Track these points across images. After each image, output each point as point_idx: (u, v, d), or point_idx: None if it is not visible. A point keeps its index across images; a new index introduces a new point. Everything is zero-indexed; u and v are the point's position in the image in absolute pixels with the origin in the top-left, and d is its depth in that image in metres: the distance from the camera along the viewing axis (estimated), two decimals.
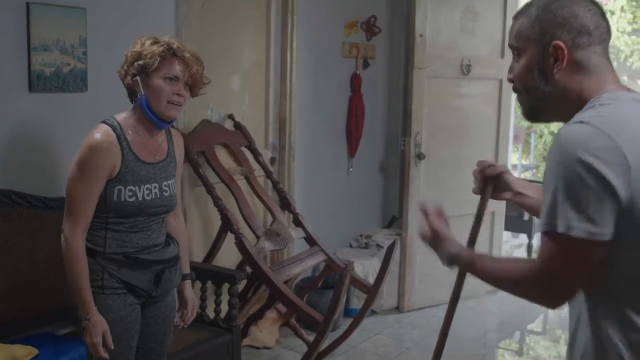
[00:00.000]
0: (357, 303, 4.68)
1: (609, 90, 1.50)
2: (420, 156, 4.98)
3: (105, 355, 2.34)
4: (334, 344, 4.15)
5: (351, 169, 5.25)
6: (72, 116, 3.28)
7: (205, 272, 3.42)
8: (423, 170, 5.04)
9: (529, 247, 6.19)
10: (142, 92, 2.40)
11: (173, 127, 2.64)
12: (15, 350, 2.68)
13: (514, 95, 5.95)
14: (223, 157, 4.02)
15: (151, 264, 2.47)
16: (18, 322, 2.95)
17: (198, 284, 3.40)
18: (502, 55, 5.29)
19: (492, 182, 2.00)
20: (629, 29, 10.93)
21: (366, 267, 4.77)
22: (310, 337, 3.79)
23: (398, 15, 5.41)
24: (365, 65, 5.22)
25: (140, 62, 2.39)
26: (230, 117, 4.20)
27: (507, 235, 6.85)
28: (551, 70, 1.52)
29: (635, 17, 10.78)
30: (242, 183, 4.02)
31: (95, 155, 2.33)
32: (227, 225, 3.64)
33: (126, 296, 2.43)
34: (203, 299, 3.42)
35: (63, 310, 3.12)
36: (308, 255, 4.03)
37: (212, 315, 3.41)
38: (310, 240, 4.10)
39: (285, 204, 4.17)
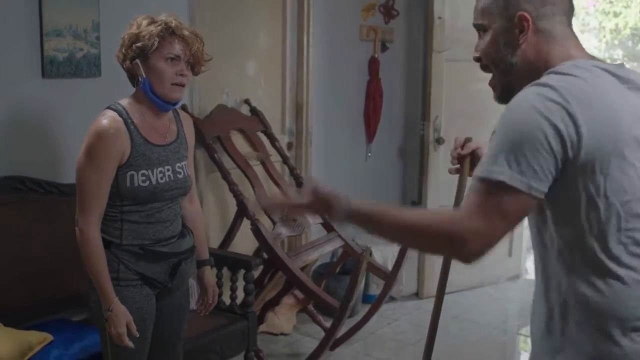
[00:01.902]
0: (375, 289, 4.64)
1: (572, 57, 1.50)
2: (439, 140, 4.92)
3: (131, 344, 2.31)
4: (352, 329, 4.12)
5: (369, 154, 5.20)
6: (85, 102, 3.26)
7: (221, 259, 3.39)
8: (442, 154, 4.96)
9: None
10: (144, 75, 2.33)
11: (180, 109, 2.59)
12: (30, 337, 2.67)
13: None
14: (239, 142, 3.99)
15: (167, 256, 2.43)
16: (34, 308, 2.96)
17: (214, 271, 3.36)
18: None
19: (469, 160, 2.00)
20: None
21: (385, 253, 4.73)
22: (328, 324, 3.77)
23: None
24: (384, 48, 5.16)
25: (139, 44, 2.31)
26: (246, 102, 4.17)
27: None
28: (517, 41, 1.53)
29: None
30: (258, 169, 3.99)
31: (103, 142, 2.27)
32: (243, 211, 3.61)
33: (142, 287, 2.39)
34: (219, 285, 3.38)
35: (78, 296, 3.12)
36: (325, 241, 4.00)
37: (228, 301, 3.40)
38: (327, 225, 4.07)
39: None
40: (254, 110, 4.15)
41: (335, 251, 4.38)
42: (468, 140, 2.02)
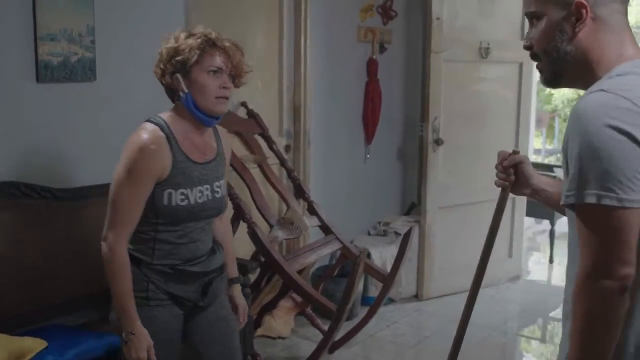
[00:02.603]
0: (374, 291, 4.62)
1: (629, 56, 1.47)
2: (438, 142, 4.90)
3: None
4: (350, 332, 4.11)
5: (368, 156, 5.18)
6: (81, 106, 3.26)
7: None
8: (441, 155, 4.95)
9: (552, 233, 6.08)
10: (185, 90, 2.24)
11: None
12: (24, 343, 2.66)
13: (535, 79, 5.85)
14: (236, 145, 3.97)
15: (197, 276, 2.35)
16: (29, 314, 2.94)
17: None
18: (522, 38, 5.18)
19: (512, 172, 1.95)
20: None
21: (384, 255, 4.71)
22: (327, 326, 3.75)
23: None
24: (382, 49, 5.14)
25: (178, 58, 2.22)
26: (243, 104, 4.15)
27: (529, 221, 6.74)
28: (573, 29, 1.50)
29: None
30: (255, 171, 3.98)
31: (144, 157, 2.16)
32: (239, 214, 3.60)
33: (171, 307, 2.31)
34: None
35: (75, 301, 3.13)
36: (323, 244, 3.98)
37: None
38: (325, 228, 4.05)
39: (300, 192, 4.12)
40: (250, 113, 4.13)
41: (334, 254, 4.37)
42: (515, 152, 1.97)
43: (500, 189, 1.99)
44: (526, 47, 1.60)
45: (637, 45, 1.52)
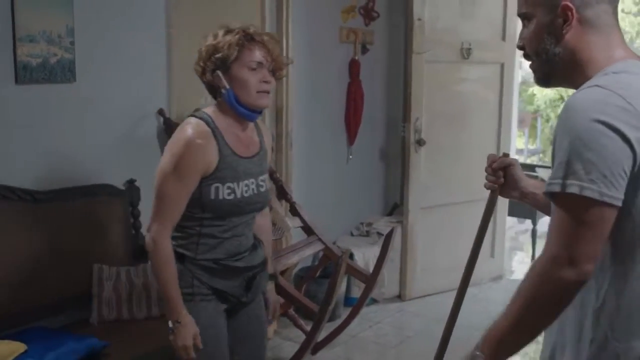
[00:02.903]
0: (357, 292, 4.62)
1: (619, 57, 1.49)
2: (420, 142, 4.91)
3: (195, 357, 2.25)
4: (333, 333, 4.11)
5: (351, 157, 5.18)
6: (60, 108, 3.24)
7: None
8: (423, 156, 4.96)
9: (534, 233, 6.10)
10: (227, 87, 2.24)
11: (259, 121, 2.51)
12: (2, 347, 2.63)
13: (516, 79, 5.87)
14: None
15: (242, 271, 2.37)
16: (10, 317, 2.93)
17: None
18: (504, 38, 5.21)
19: (502, 174, 1.96)
20: (634, 9, 10.79)
21: (366, 255, 4.72)
22: (309, 327, 3.75)
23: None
24: (364, 50, 5.14)
25: (218, 55, 2.23)
26: None
27: (512, 221, 6.78)
28: (560, 31, 1.51)
29: None
30: None
31: (191, 151, 2.17)
32: None
33: (216, 302, 2.33)
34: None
35: (56, 304, 3.11)
36: (305, 245, 3.98)
37: None
38: (307, 229, 4.05)
39: (282, 193, 4.11)
40: None
41: (316, 255, 4.37)
42: (505, 155, 1.98)
43: (489, 191, 2.01)
44: (519, 47, 1.63)
45: (626, 46, 1.54)
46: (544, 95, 11.20)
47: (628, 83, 1.41)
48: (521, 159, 9.69)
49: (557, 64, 1.54)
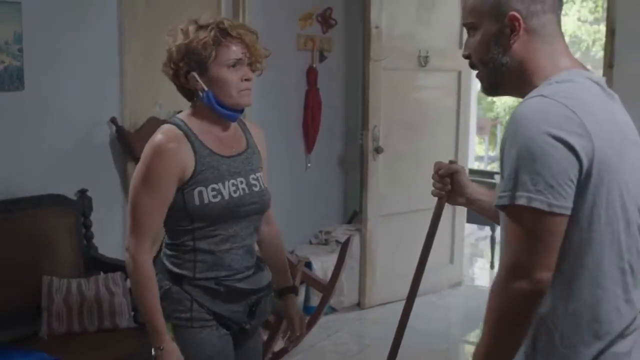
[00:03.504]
0: (316, 301, 4.59)
1: (564, 66, 1.50)
2: (378, 150, 4.91)
3: None
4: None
5: (309, 165, 5.16)
6: (8, 116, 3.16)
7: None
8: (381, 164, 4.96)
9: (493, 239, 6.14)
10: (205, 88, 2.05)
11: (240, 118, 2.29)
12: None
13: (474, 87, 5.92)
14: None
15: (246, 294, 2.15)
16: None
17: None
18: (461, 46, 5.22)
19: (448, 181, 1.95)
20: (590, 18, 10.97)
21: (325, 264, 4.69)
22: (266, 337, 3.71)
23: (354, 7, 5.31)
24: (322, 58, 5.13)
25: (192, 56, 2.04)
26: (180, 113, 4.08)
27: (472, 227, 6.82)
28: (508, 41, 1.51)
29: (596, 6, 10.82)
30: None
31: (161, 158, 2.00)
32: None
33: (217, 328, 2.12)
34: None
35: (4, 318, 3.03)
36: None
37: None
38: None
39: None
40: None
41: None
42: (451, 162, 1.98)
43: (436, 198, 2.00)
44: (465, 56, 1.62)
45: (571, 55, 1.55)
46: (503, 102, 11.32)
47: (572, 92, 1.42)
48: (481, 166, 9.77)
49: (505, 74, 1.54)
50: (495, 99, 11.07)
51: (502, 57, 1.52)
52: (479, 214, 1.98)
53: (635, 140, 1.51)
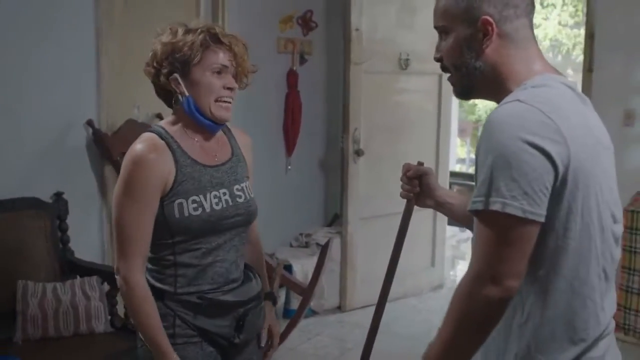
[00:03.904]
0: (296, 304, 4.57)
1: (538, 70, 1.49)
2: (359, 152, 4.89)
3: None
4: None
5: (289, 167, 5.14)
6: None
7: None
8: (362, 166, 4.95)
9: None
10: (186, 93, 1.97)
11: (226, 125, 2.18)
12: None
13: None
14: None
15: (231, 306, 2.04)
16: None
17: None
18: None
19: (417, 183, 1.94)
20: (570, 22, 11.04)
21: (305, 267, 4.67)
22: None
23: (335, 10, 5.30)
24: (302, 61, 5.12)
25: (178, 56, 1.95)
26: (159, 116, 4.05)
27: (454, 230, 6.82)
28: (481, 45, 1.49)
29: (577, 10, 10.89)
30: None
31: (142, 169, 1.89)
32: None
33: (203, 345, 2.01)
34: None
35: None
36: None
37: None
38: None
39: None
40: None
41: None
42: (420, 164, 1.96)
43: (405, 201, 1.99)
44: (437, 59, 1.59)
45: (544, 59, 1.54)
46: (485, 105, 11.36)
47: (548, 97, 1.41)
48: (463, 168, 9.80)
49: (478, 78, 1.52)
50: (477, 101, 11.11)
51: (475, 62, 1.50)
52: (448, 217, 1.97)
53: (608, 145, 1.51)
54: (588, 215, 1.40)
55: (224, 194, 2.03)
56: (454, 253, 6.78)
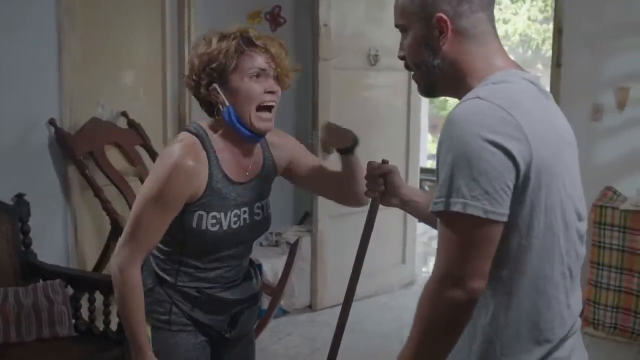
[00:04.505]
0: (266, 304, 4.52)
1: (499, 66, 1.47)
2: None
3: None
4: None
5: None
6: None
7: (92, 282, 3.23)
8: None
9: None
10: (227, 103, 1.92)
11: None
12: None
13: None
14: (115, 157, 3.81)
15: (229, 304, 2.07)
16: None
17: (86, 295, 3.21)
18: None
19: (381, 181, 1.93)
20: (540, 17, 11.11)
21: (275, 266, 4.62)
22: None
23: (303, 5, 5.24)
24: None
25: (213, 66, 1.91)
26: (124, 114, 3.99)
27: (425, 226, 6.75)
28: (437, 43, 1.48)
29: (546, 5, 10.96)
30: (136, 185, 3.81)
31: (179, 175, 1.87)
32: (117, 230, 3.43)
33: (196, 334, 2.05)
34: (91, 310, 3.21)
35: None
36: None
37: (101, 327, 3.21)
38: None
39: None
40: (131, 123, 3.97)
41: None
42: (384, 162, 1.93)
43: (370, 199, 1.96)
44: (400, 58, 1.58)
45: (506, 55, 1.51)
46: (456, 101, 11.40)
47: (508, 93, 1.38)
48: (434, 164, 9.80)
49: (438, 76, 1.50)
50: (447, 97, 11.14)
51: (434, 60, 1.49)
52: (414, 216, 1.94)
53: (571, 141, 1.49)
54: (551, 213, 1.38)
55: (244, 212, 2.03)
56: (425, 250, 6.77)
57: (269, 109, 1.97)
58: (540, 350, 1.42)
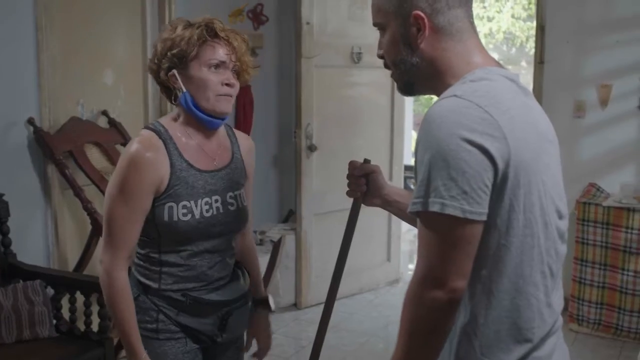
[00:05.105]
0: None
1: (478, 63, 1.45)
2: (311, 148, 4.84)
3: None
4: None
5: None
6: None
7: (73, 282, 3.19)
8: (315, 162, 4.90)
9: None
10: (183, 88, 1.95)
11: (231, 127, 2.20)
12: None
13: None
14: (95, 156, 3.77)
15: (216, 305, 2.03)
16: None
17: (67, 296, 3.18)
18: None
19: (364, 183, 1.90)
20: (524, 15, 11.15)
21: (260, 264, 4.59)
22: None
23: (285, 3, 5.24)
24: (253, 55, 5.00)
25: (174, 51, 1.92)
26: (104, 113, 3.95)
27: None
28: (415, 41, 1.46)
29: (529, 3, 11.00)
30: None
31: (138, 168, 1.88)
32: (98, 230, 3.39)
33: (185, 341, 2.02)
34: (72, 310, 3.18)
35: None
36: None
37: (82, 327, 3.18)
38: None
39: None
40: (112, 122, 3.93)
41: None
42: (366, 161, 1.91)
43: (352, 199, 1.94)
44: (379, 56, 1.56)
45: (485, 52, 1.50)
46: None
47: (487, 91, 1.36)
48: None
49: (416, 74, 1.48)
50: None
51: (412, 58, 1.47)
52: (397, 216, 1.93)
53: (552, 138, 1.48)
54: (530, 212, 1.36)
55: (216, 201, 2.01)
56: (411, 247, 6.76)
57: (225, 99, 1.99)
58: (520, 349, 1.40)
